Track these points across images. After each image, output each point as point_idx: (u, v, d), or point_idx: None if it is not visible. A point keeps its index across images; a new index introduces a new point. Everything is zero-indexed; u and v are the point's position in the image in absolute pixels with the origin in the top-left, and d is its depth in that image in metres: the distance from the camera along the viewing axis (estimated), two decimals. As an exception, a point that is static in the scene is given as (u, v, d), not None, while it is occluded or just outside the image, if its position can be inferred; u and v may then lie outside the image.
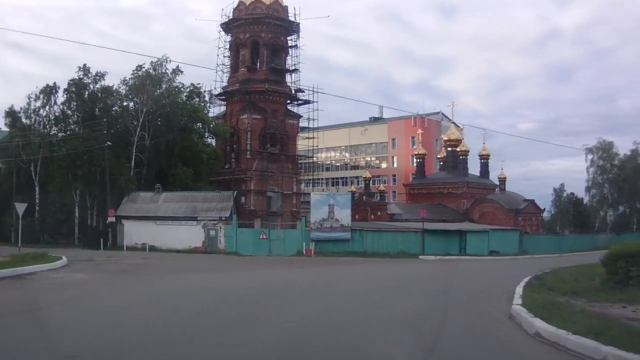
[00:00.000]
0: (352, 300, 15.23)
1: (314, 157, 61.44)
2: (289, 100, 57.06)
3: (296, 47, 56.36)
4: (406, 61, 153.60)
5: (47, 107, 51.28)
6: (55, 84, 50.84)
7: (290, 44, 56.80)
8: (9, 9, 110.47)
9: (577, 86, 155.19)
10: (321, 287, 19.32)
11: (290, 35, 56.76)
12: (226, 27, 56.77)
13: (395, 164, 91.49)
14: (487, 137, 77.87)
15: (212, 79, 58.20)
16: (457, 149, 72.55)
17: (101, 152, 44.99)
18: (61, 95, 50.59)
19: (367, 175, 76.01)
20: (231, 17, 56.24)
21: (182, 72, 52.95)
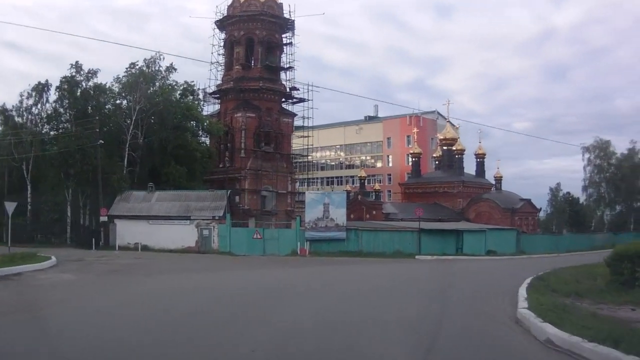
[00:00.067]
0: (346, 301, 14.63)
1: (309, 156, 60.97)
2: (284, 98, 56.65)
3: (291, 44, 55.89)
4: (401, 60, 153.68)
5: (39, 105, 50.77)
6: (47, 81, 50.40)
7: (285, 42, 56.34)
8: (6, 8, 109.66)
9: (572, 85, 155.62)
10: (315, 287, 18.77)
11: (285, 32, 56.31)
12: (220, 24, 56.27)
13: (390, 163, 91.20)
14: (483, 137, 77.32)
15: (207, 78, 57.49)
16: (453, 148, 72.27)
17: (93, 150, 44.42)
18: (53, 93, 50.11)
19: (362, 174, 75.73)
20: (225, 14, 55.73)
21: (175, 69, 52.57)
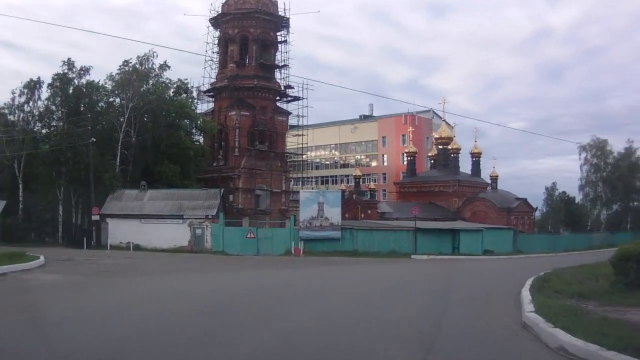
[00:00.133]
0: (345, 305, 13.93)
1: (304, 155, 60.52)
2: (278, 96, 56.31)
3: (285, 42, 55.62)
4: (396, 60, 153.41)
5: (31, 103, 50.00)
6: (39, 78, 49.62)
7: (279, 40, 55.99)
8: (3, 8, 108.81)
9: (568, 85, 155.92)
10: (313, 289, 18.14)
11: (279, 30, 55.97)
12: (215, 22, 55.91)
13: (385, 162, 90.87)
14: (478, 136, 76.67)
15: (201, 76, 57.17)
16: (449, 147, 72.09)
17: (85, 148, 43.83)
18: (45, 90, 49.42)
19: (357, 173, 75.41)
20: (220, 12, 55.31)
21: (169, 67, 52.13)
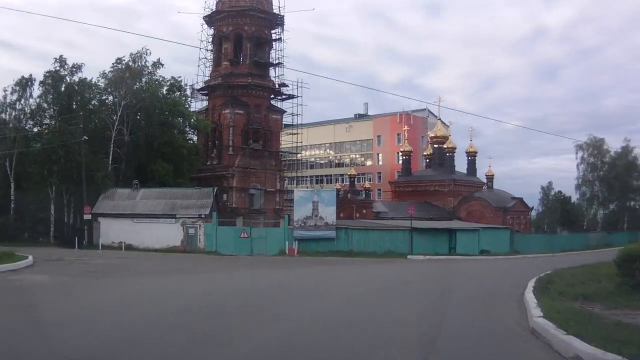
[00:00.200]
0: (339, 308, 13.38)
1: (298, 154, 60.11)
2: (273, 95, 55.94)
3: (280, 40, 55.24)
4: (391, 59, 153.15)
5: (23, 101, 49.43)
6: (31, 76, 49.00)
7: (274, 37, 55.60)
8: None
9: (563, 84, 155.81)
10: (309, 289, 17.68)
11: (274, 28, 55.63)
12: (209, 20, 55.52)
13: (380, 162, 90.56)
14: (473, 136, 76.75)
15: (195, 74, 56.89)
16: (444, 146, 71.78)
17: (77, 147, 43.32)
18: (37, 88, 48.85)
19: (352, 172, 74.99)
20: (214, 10, 54.85)
21: (162, 65, 51.52)
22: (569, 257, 34.15)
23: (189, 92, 54.48)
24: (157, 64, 51.30)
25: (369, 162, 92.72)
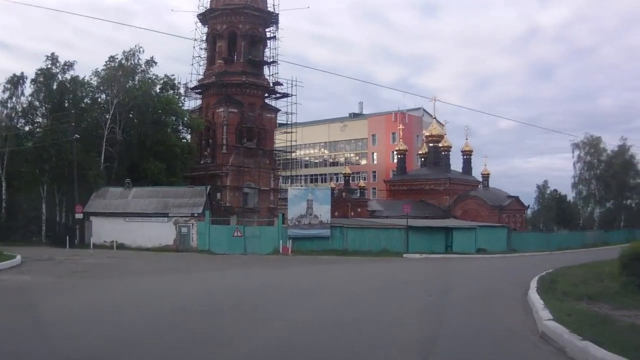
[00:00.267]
0: (336, 308, 12.94)
1: (293, 153, 59.72)
2: (267, 93, 55.60)
3: (274, 38, 54.81)
4: (386, 59, 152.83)
5: (14, 99, 48.97)
6: (22, 74, 48.66)
7: (268, 36, 55.24)
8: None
9: (557, 84, 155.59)
10: (305, 289, 17.07)
11: (268, 26, 55.30)
12: (203, 18, 55.17)
13: (375, 161, 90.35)
14: (468, 135, 76.18)
15: (189, 73, 56.39)
16: (439, 145, 71.41)
17: (69, 145, 42.89)
18: (29, 86, 48.45)
19: (347, 171, 74.61)
20: (208, 8, 54.45)
21: (156, 63, 51.23)
22: (567, 256, 33.83)
23: (182, 90, 54.22)
24: (150, 62, 51.07)
25: (363, 161, 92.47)
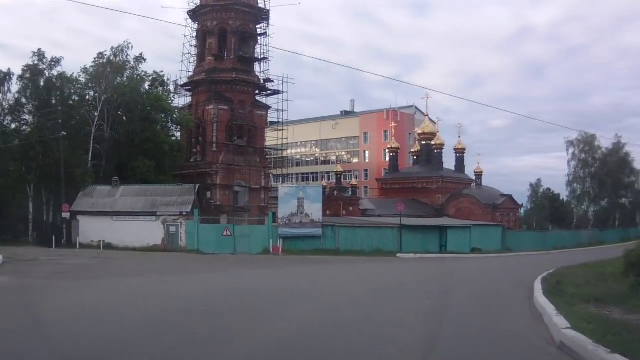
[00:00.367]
0: (334, 309, 12.46)
1: (284, 151, 59.10)
2: (258, 90, 54.97)
3: (265, 35, 54.14)
4: (377, 58, 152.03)
5: (0, 96, 48.13)
6: (9, 70, 47.77)
7: (259, 32, 54.57)
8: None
9: (549, 83, 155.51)
10: (297, 295, 15.76)
11: (259, 23, 54.68)
12: (193, 14, 54.52)
13: (367, 159, 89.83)
14: (460, 133, 75.69)
15: (179, 70, 55.60)
16: (432, 143, 70.89)
17: (56, 143, 42.11)
18: (15, 83, 47.56)
19: (338, 169, 73.97)
20: (198, 4, 53.77)
21: (145, 60, 50.55)
22: (564, 255, 33.52)
23: (172, 87, 53.49)
24: (140, 59, 50.40)
25: (355, 160, 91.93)
